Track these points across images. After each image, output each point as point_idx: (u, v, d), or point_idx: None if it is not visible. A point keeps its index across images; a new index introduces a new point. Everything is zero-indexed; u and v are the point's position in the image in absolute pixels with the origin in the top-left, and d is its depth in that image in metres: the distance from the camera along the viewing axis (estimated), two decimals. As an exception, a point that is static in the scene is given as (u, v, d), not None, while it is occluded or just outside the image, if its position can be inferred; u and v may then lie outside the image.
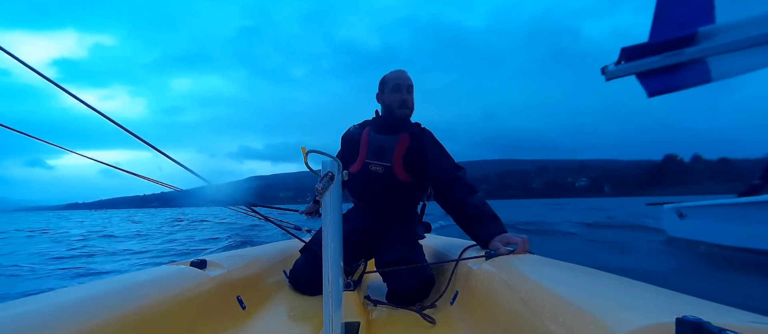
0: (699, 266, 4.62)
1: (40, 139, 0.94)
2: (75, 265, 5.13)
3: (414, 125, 1.60)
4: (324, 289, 0.74)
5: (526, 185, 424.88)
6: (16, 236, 10.94)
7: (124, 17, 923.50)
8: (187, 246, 7.04)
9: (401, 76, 1.56)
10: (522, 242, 1.17)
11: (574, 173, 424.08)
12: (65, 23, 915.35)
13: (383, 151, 1.54)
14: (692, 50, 2.26)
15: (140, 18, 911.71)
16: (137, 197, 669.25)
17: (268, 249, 1.78)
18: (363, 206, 1.66)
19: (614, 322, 0.53)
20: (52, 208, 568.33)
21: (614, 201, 59.98)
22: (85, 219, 26.94)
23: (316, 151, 0.73)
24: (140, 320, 0.82)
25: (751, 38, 2.07)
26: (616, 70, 2.45)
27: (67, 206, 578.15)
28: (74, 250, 6.90)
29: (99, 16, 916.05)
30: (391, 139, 1.54)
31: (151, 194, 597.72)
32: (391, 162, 1.52)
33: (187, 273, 1.09)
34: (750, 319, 0.50)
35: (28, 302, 0.74)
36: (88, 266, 5.00)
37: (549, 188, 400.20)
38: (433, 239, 1.92)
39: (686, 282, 3.61)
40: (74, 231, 12.38)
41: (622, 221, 12.07)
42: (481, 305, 1.00)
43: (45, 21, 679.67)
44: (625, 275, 0.80)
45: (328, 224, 0.75)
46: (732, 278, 3.80)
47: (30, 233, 12.23)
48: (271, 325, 1.16)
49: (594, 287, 0.71)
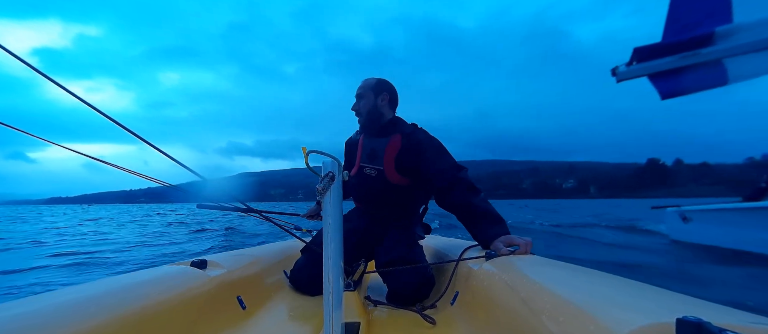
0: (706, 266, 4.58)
1: (25, 131, 0.90)
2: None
3: (407, 126, 1.59)
4: (324, 289, 0.74)
5: (516, 185, 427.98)
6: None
7: (109, 8, 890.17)
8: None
9: (360, 85, 1.62)
10: (524, 244, 1.16)
11: (564, 174, 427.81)
12: (49, 13, 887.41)
13: (375, 154, 1.56)
14: (709, 51, 2.16)
15: (126, 10, 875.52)
16: (123, 192, 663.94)
17: (269, 249, 1.77)
18: (362, 208, 1.67)
19: (614, 322, 0.53)
20: (34, 202, 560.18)
21: (601, 202, 59.09)
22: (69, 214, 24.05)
23: (317, 151, 0.73)
24: (140, 320, 0.82)
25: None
26: (628, 71, 2.37)
27: (50, 201, 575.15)
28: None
29: (84, 6, 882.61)
30: (382, 142, 1.55)
31: (138, 189, 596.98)
32: (382, 165, 1.53)
33: (188, 273, 1.09)
34: (750, 319, 0.50)
35: (28, 302, 0.74)
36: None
37: (538, 189, 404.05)
38: (433, 240, 1.93)
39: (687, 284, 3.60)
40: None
41: (619, 223, 12.00)
42: (482, 306, 1.00)
43: (28, 9, 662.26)
44: (628, 276, 0.80)
45: (328, 224, 0.75)
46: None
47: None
48: (271, 325, 1.16)
49: (594, 287, 0.71)
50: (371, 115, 1.58)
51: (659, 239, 7.08)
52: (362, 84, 1.61)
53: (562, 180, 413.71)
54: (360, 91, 1.60)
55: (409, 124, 1.61)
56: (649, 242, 6.97)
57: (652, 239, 7.35)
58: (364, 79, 1.62)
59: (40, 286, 3.70)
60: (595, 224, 11.80)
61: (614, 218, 15.08)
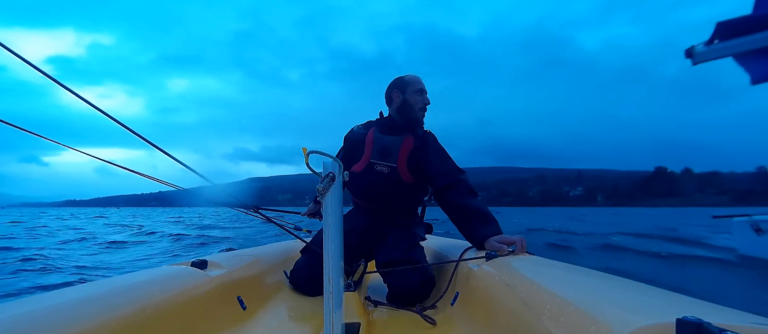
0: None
1: (43, 136, 0.93)
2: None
3: (418, 128, 1.61)
4: (324, 289, 0.74)
5: (522, 193, 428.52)
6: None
7: (121, 18, 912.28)
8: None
9: (420, 80, 1.61)
10: (519, 241, 1.18)
11: (571, 182, 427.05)
12: (64, 22, 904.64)
13: (389, 152, 1.55)
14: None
15: (137, 19, 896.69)
16: (134, 195, 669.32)
17: (269, 249, 1.78)
18: (364, 206, 1.66)
19: (615, 322, 0.53)
20: (49, 204, 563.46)
21: (608, 211, 55.64)
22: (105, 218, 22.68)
23: (317, 151, 0.73)
24: (140, 320, 0.82)
25: None
26: (708, 51, 1.96)
27: (65, 203, 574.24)
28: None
29: (98, 16, 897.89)
30: (397, 140, 1.56)
31: (149, 193, 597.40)
32: (396, 163, 1.54)
33: (188, 273, 1.09)
34: (751, 320, 0.49)
35: (28, 302, 0.74)
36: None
37: (545, 197, 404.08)
38: (434, 240, 1.93)
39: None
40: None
41: (681, 235, 10.51)
42: (482, 306, 1.00)
43: (44, 18, 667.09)
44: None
45: (329, 224, 0.75)
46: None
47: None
48: (271, 325, 1.16)
49: (594, 288, 0.71)
50: (403, 111, 1.59)
51: (725, 254, 6.15)
52: (420, 79, 1.62)
53: (569, 188, 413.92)
54: (422, 86, 1.61)
55: (418, 127, 1.63)
56: (708, 254, 6.16)
57: (714, 253, 6.45)
58: (414, 76, 1.63)
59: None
60: (642, 234, 10.81)
61: (654, 227, 14.05)
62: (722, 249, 6.64)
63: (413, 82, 1.59)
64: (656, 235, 10.52)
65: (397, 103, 1.60)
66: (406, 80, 1.60)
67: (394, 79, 1.64)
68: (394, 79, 1.64)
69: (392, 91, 1.62)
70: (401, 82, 1.61)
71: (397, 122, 1.60)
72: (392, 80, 1.65)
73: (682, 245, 8.06)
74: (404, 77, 1.62)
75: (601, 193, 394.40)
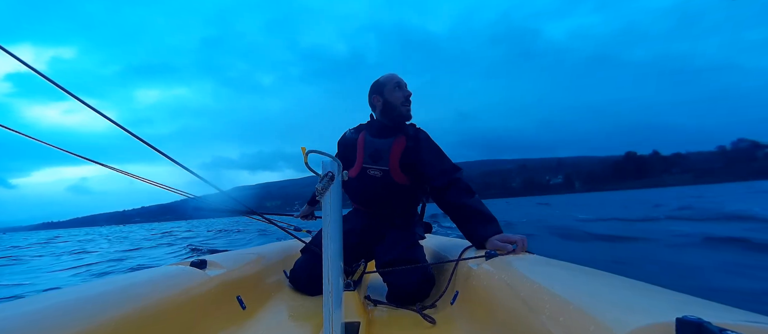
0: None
1: (55, 146, 0.90)
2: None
3: (409, 127, 1.60)
4: (324, 289, 0.74)
5: (505, 184, 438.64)
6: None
7: (81, 30, 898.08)
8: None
9: (397, 76, 1.60)
10: (520, 240, 1.18)
11: (552, 170, 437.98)
12: (21, 38, 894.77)
13: (380, 155, 1.54)
14: None
15: (98, 30, 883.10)
16: (117, 213, 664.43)
17: (269, 249, 1.77)
18: (362, 209, 1.66)
19: (614, 322, 0.53)
20: (24, 228, 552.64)
21: (588, 196, 54.31)
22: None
23: (316, 151, 0.73)
24: (140, 320, 0.82)
25: None
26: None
27: (42, 226, 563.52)
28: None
29: (56, 30, 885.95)
30: (387, 142, 1.55)
31: (132, 210, 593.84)
32: (388, 166, 1.53)
33: (187, 273, 1.09)
34: (750, 319, 0.49)
35: (28, 302, 0.74)
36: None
37: (526, 187, 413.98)
38: (433, 240, 1.92)
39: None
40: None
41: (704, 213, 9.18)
42: (482, 305, 1.00)
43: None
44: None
45: (328, 224, 0.75)
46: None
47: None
48: (271, 325, 1.16)
49: (594, 287, 0.71)
50: (387, 112, 1.58)
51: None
52: (395, 75, 1.61)
53: (550, 177, 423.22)
54: (399, 80, 1.59)
55: (409, 125, 1.62)
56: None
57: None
58: (390, 74, 1.62)
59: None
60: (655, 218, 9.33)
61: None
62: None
63: (389, 80, 1.59)
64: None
65: (379, 106, 1.60)
66: (381, 82, 1.60)
67: (371, 85, 1.64)
68: (371, 84, 1.64)
69: (372, 97, 1.62)
70: (378, 85, 1.61)
71: (385, 124, 1.59)
72: (370, 86, 1.64)
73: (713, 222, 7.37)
74: (379, 80, 1.61)
75: (578, 180, 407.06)
